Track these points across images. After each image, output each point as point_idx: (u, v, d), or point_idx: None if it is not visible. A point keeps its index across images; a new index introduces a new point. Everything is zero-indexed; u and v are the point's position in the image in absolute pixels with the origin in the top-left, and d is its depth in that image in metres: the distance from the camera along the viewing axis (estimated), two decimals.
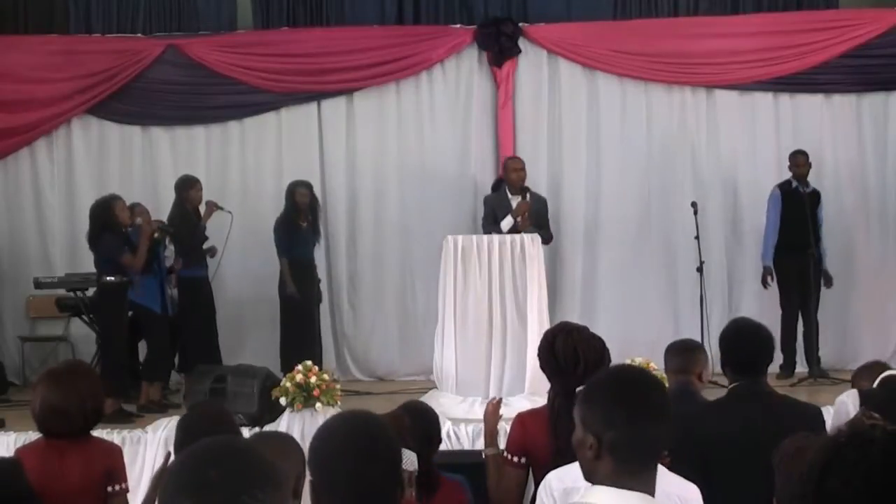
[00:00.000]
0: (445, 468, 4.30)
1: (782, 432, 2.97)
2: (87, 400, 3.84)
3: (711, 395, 4.39)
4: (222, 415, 3.51)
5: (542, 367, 3.78)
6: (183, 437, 3.29)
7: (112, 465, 3.89)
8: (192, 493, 1.56)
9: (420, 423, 3.92)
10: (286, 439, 3.09)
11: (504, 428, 4.12)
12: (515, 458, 3.80)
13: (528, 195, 8.42)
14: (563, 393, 3.60)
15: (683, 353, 4.49)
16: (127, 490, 3.92)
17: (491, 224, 8.39)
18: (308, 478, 2.23)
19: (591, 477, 2.16)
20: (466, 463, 5.45)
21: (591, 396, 2.20)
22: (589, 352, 3.59)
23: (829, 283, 8.96)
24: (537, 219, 8.48)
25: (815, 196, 8.92)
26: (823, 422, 3.75)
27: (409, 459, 3.20)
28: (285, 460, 2.61)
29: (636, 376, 2.27)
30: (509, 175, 8.61)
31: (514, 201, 8.43)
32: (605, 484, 2.11)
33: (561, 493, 3.05)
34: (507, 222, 8.30)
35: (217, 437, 1.66)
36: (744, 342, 3.79)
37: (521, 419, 3.89)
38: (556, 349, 3.66)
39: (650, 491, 2.11)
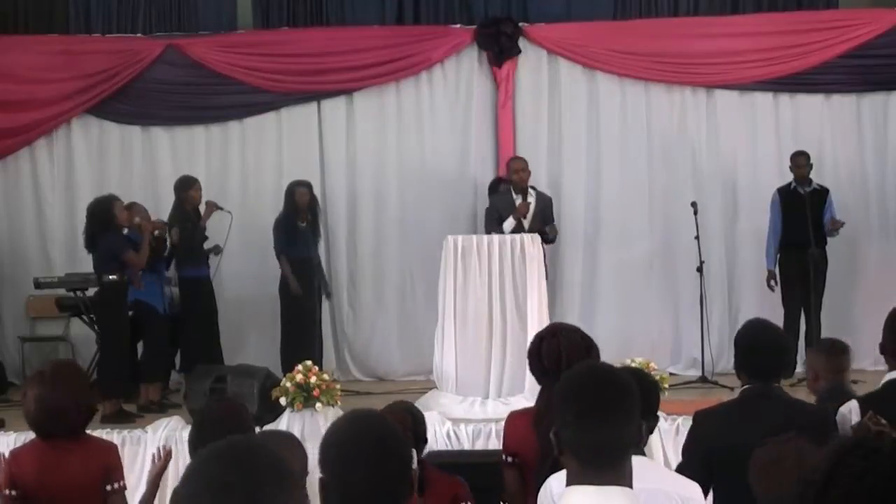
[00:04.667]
0: (446, 468, 4.30)
1: None
2: (82, 398, 3.82)
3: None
4: (238, 412, 3.46)
5: (531, 368, 3.78)
6: (198, 435, 3.23)
7: (109, 464, 3.88)
8: (210, 496, 1.53)
9: (412, 423, 3.98)
10: (290, 437, 3.09)
11: None
12: (509, 459, 3.79)
13: (529, 195, 8.43)
14: (549, 394, 3.60)
15: (839, 354, 4.46)
16: (125, 488, 3.90)
17: (495, 225, 8.38)
18: (318, 475, 2.22)
19: (566, 471, 2.17)
20: (466, 463, 5.46)
21: (557, 391, 2.21)
22: (573, 354, 3.56)
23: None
24: (543, 217, 8.53)
25: (819, 195, 8.89)
26: (833, 425, 3.71)
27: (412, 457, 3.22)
28: (291, 459, 2.60)
29: (594, 376, 2.21)
30: (512, 176, 8.61)
31: (519, 202, 8.45)
32: (575, 482, 2.10)
33: (561, 497, 3.04)
34: (508, 223, 8.31)
35: (233, 437, 1.63)
36: (762, 351, 3.69)
37: (512, 418, 3.89)
38: (542, 351, 3.66)
39: (625, 483, 2.09)
